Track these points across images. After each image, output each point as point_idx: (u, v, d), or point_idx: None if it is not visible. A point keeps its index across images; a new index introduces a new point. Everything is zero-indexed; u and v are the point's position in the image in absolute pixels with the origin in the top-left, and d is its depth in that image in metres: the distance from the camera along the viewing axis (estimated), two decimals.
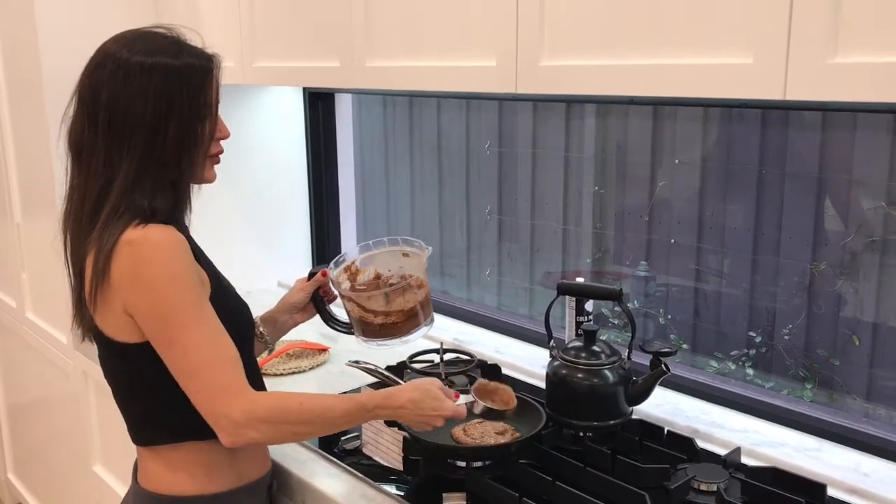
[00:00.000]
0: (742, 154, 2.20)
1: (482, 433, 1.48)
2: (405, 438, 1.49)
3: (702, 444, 1.49)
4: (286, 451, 1.56)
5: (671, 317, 2.43)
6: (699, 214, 2.33)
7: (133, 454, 1.40)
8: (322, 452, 1.55)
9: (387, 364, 1.80)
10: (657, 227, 2.43)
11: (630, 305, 2.38)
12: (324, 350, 2.05)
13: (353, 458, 1.52)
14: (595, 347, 1.52)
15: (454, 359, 1.91)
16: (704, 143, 2.32)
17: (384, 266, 1.61)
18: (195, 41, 1.30)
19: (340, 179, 2.70)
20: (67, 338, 2.34)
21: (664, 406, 1.67)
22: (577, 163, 2.62)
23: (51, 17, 2.13)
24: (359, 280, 1.60)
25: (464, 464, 1.45)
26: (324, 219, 2.69)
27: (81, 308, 1.28)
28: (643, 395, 1.51)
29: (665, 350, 1.50)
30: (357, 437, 1.58)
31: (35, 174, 2.35)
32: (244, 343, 1.33)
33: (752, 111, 2.11)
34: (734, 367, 2.27)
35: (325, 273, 1.55)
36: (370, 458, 1.53)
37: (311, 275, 1.58)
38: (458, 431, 1.50)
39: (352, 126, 2.73)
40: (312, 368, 1.98)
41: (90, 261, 1.22)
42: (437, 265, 2.98)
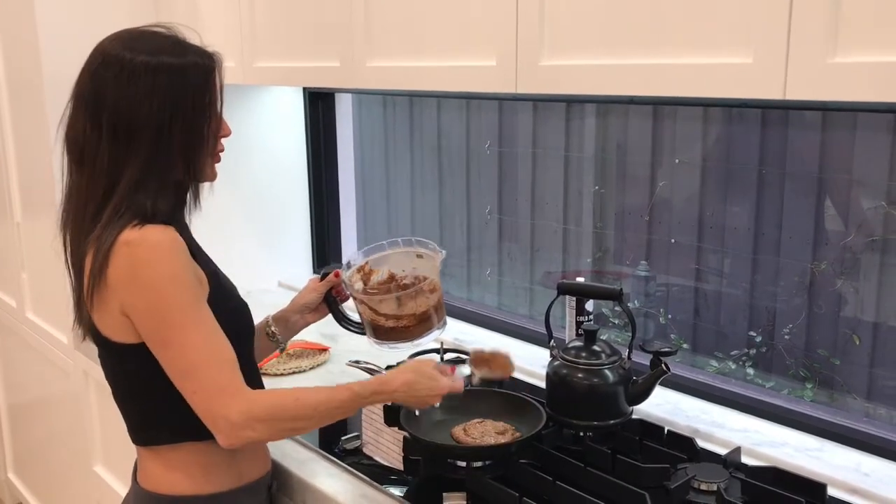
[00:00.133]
0: (742, 154, 2.21)
1: (482, 433, 1.48)
2: (405, 438, 1.49)
3: (702, 444, 1.49)
4: (286, 451, 1.56)
5: (671, 316, 2.43)
6: (699, 214, 2.33)
7: (133, 454, 1.40)
8: (322, 452, 1.55)
9: (387, 364, 1.80)
10: (657, 227, 2.43)
11: (630, 305, 2.38)
12: (324, 350, 2.05)
13: (354, 458, 1.52)
14: (595, 347, 1.52)
15: (454, 358, 1.91)
16: (704, 143, 2.32)
17: (398, 266, 1.59)
18: (194, 40, 1.30)
19: (341, 179, 2.70)
20: (68, 338, 2.34)
21: (664, 406, 1.67)
22: (578, 162, 2.62)
23: (51, 17, 2.13)
24: (372, 280, 1.58)
25: (464, 463, 1.45)
26: (324, 219, 2.69)
27: (81, 308, 1.28)
28: (643, 395, 1.51)
29: (665, 350, 1.50)
30: (357, 437, 1.58)
31: (35, 174, 2.35)
32: (244, 344, 1.33)
33: (752, 111, 2.11)
34: (734, 367, 2.27)
35: (338, 274, 1.54)
36: (370, 458, 1.53)
37: (324, 275, 1.57)
38: (459, 431, 1.50)
39: (352, 126, 2.73)
40: (313, 368, 1.98)
41: (88, 260, 1.22)
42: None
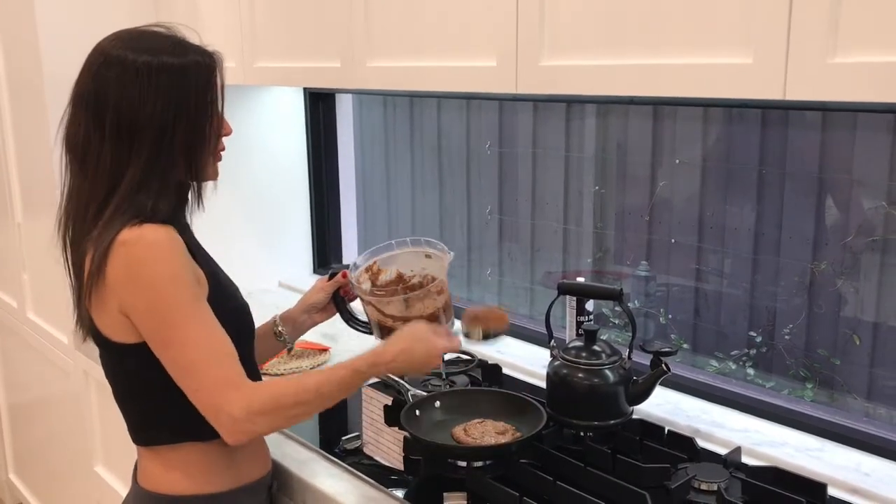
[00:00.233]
0: (742, 154, 2.21)
1: (483, 433, 1.48)
2: (406, 438, 1.49)
3: (702, 444, 1.49)
4: (286, 451, 1.56)
5: (672, 316, 2.44)
6: (699, 214, 2.33)
7: (134, 454, 1.41)
8: (323, 452, 1.55)
9: None
10: (657, 227, 2.43)
11: (630, 305, 2.38)
12: (324, 350, 2.05)
13: (354, 458, 1.52)
14: (595, 347, 1.52)
15: (455, 358, 1.91)
16: (704, 143, 2.32)
17: (406, 266, 1.58)
18: (193, 39, 1.30)
19: (341, 179, 2.70)
20: (68, 338, 2.34)
21: (665, 406, 1.67)
22: (578, 163, 2.62)
23: (51, 17, 2.13)
24: (380, 280, 1.57)
25: (464, 463, 1.45)
26: (324, 219, 2.69)
27: (81, 308, 1.28)
28: (644, 395, 1.51)
29: (665, 350, 1.50)
30: (358, 438, 1.59)
31: (36, 174, 2.35)
32: (243, 344, 1.32)
33: (753, 111, 2.12)
34: (735, 367, 2.27)
35: (346, 274, 1.53)
36: (371, 458, 1.53)
37: (332, 275, 1.57)
38: (459, 431, 1.50)
39: (352, 126, 2.73)
40: (313, 368, 1.98)
41: (88, 261, 1.22)
42: None
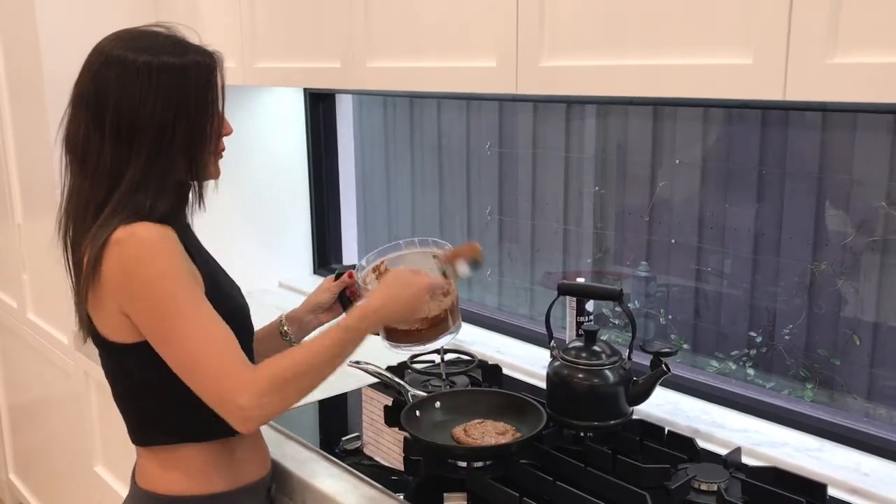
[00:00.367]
0: (742, 154, 2.21)
1: (483, 433, 1.48)
2: (406, 439, 1.49)
3: (702, 444, 1.49)
4: (286, 451, 1.56)
5: (672, 317, 2.44)
6: (699, 214, 2.33)
7: (134, 455, 1.41)
8: (323, 453, 1.55)
9: (387, 364, 1.80)
10: (657, 228, 2.43)
11: (630, 305, 2.38)
12: None
13: (354, 459, 1.52)
14: (596, 347, 1.52)
15: (455, 359, 1.91)
16: (704, 144, 2.32)
17: (414, 266, 1.55)
18: (193, 39, 1.30)
19: (341, 180, 2.70)
20: (68, 338, 2.34)
21: (665, 406, 1.67)
22: (578, 163, 2.62)
23: (51, 17, 2.13)
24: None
25: (464, 464, 1.45)
26: (324, 219, 2.69)
27: (80, 308, 1.28)
28: (644, 395, 1.51)
29: (665, 350, 1.50)
30: (358, 438, 1.59)
31: (36, 175, 2.36)
32: (242, 346, 1.32)
33: (752, 111, 2.12)
34: (735, 367, 2.27)
35: (352, 274, 1.52)
36: (371, 459, 1.53)
37: (338, 275, 1.56)
38: (459, 432, 1.50)
39: (352, 126, 2.73)
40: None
41: (85, 260, 1.22)
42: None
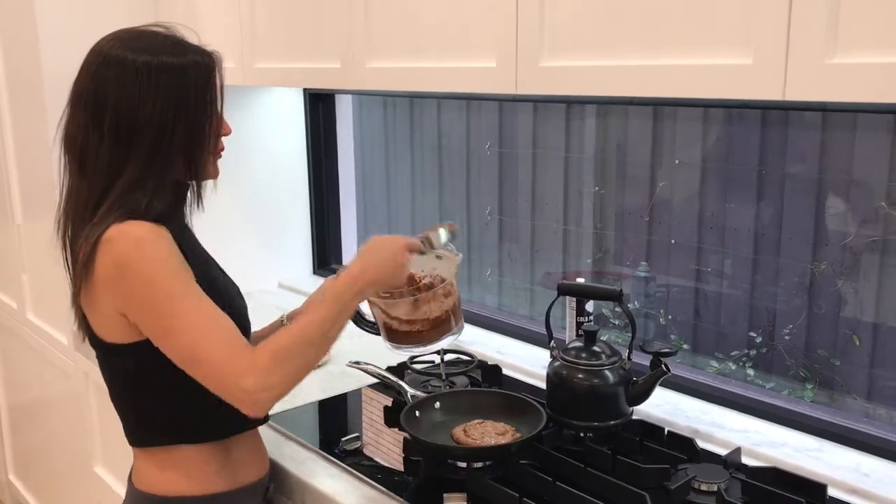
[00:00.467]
0: (742, 154, 2.21)
1: (482, 434, 1.48)
2: (406, 439, 1.49)
3: (702, 445, 1.49)
4: (286, 452, 1.56)
5: (671, 317, 2.44)
6: (699, 215, 2.33)
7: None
8: (322, 453, 1.55)
9: (387, 364, 1.80)
10: (657, 228, 2.43)
11: (630, 306, 2.38)
12: None
13: (354, 459, 1.52)
14: (595, 348, 1.52)
15: (455, 359, 1.91)
16: (704, 144, 2.32)
17: (418, 267, 1.55)
18: (192, 39, 1.30)
19: (341, 180, 2.70)
20: (68, 339, 2.34)
21: (664, 406, 1.67)
22: (578, 163, 2.62)
23: (50, 17, 2.13)
24: None
25: (464, 464, 1.45)
26: (324, 219, 2.69)
27: (77, 308, 1.28)
28: (643, 396, 1.51)
29: (665, 350, 1.50)
30: (358, 438, 1.58)
31: (36, 175, 2.35)
32: None
33: (752, 111, 2.12)
34: (735, 368, 2.27)
35: None
36: (371, 459, 1.53)
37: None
38: (459, 432, 1.50)
39: (352, 127, 2.73)
40: (313, 369, 1.98)
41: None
42: None
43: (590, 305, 1.77)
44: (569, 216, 2.66)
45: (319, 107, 2.62)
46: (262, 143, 2.54)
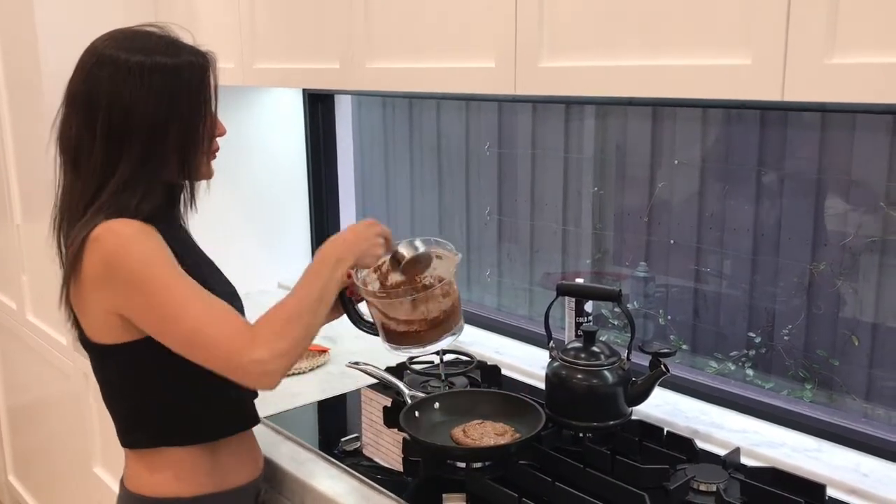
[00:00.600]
0: (741, 155, 2.21)
1: (482, 434, 1.48)
2: (405, 440, 1.49)
3: (701, 445, 1.49)
4: (285, 452, 1.56)
5: (671, 317, 2.44)
6: (698, 215, 2.33)
7: None
8: (321, 453, 1.55)
9: (386, 365, 1.80)
10: (656, 228, 2.43)
11: (630, 306, 2.38)
12: (324, 351, 2.05)
13: (353, 460, 1.52)
14: (594, 348, 1.52)
15: (454, 360, 1.91)
16: (703, 144, 2.32)
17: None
18: (187, 39, 1.30)
19: (340, 181, 2.70)
20: (68, 340, 2.34)
21: (664, 407, 1.68)
22: (577, 163, 2.62)
23: (50, 18, 2.13)
24: (389, 279, 1.52)
25: (463, 465, 1.45)
26: (324, 220, 2.69)
27: (67, 308, 1.28)
28: (642, 396, 1.51)
29: (664, 351, 1.50)
30: (357, 439, 1.59)
31: (35, 176, 2.35)
32: None
33: (751, 112, 2.12)
34: (734, 368, 2.27)
35: (351, 274, 1.46)
36: (370, 460, 1.53)
37: None
38: (458, 432, 1.50)
39: (351, 127, 2.73)
40: (312, 370, 1.98)
41: None
42: None
43: (589, 306, 1.77)
44: (568, 216, 2.66)
45: (319, 107, 2.62)
46: (262, 144, 2.54)
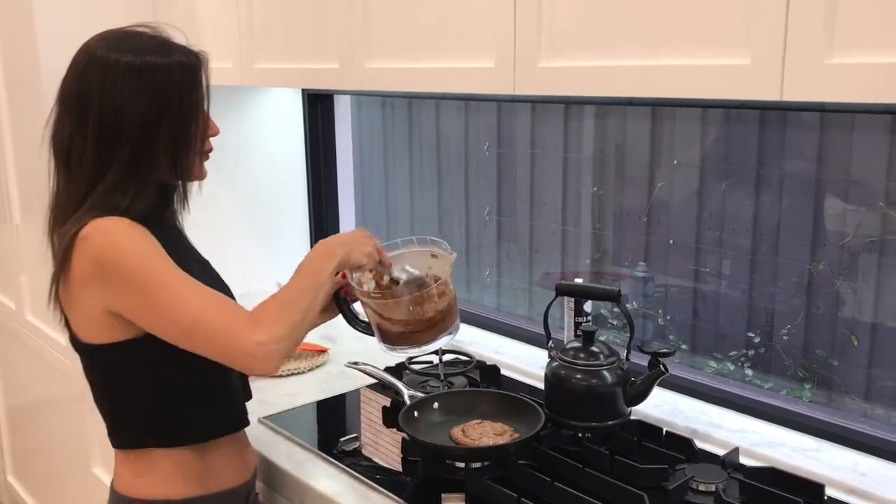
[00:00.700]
0: (740, 154, 2.21)
1: (481, 434, 1.48)
2: (404, 440, 1.49)
3: (700, 445, 1.49)
4: (284, 452, 1.56)
5: (670, 317, 2.44)
6: (698, 215, 2.33)
7: None
8: (320, 453, 1.55)
9: (385, 365, 1.80)
10: (656, 228, 2.43)
11: (629, 306, 2.38)
12: (323, 351, 2.05)
13: (352, 459, 1.52)
14: (593, 348, 1.52)
15: (453, 359, 1.91)
16: (703, 144, 2.32)
17: (413, 266, 1.53)
18: (179, 39, 1.29)
19: (339, 181, 2.70)
20: (66, 340, 2.33)
21: (663, 406, 1.68)
22: (576, 163, 2.62)
23: (49, 18, 2.13)
24: (385, 279, 1.51)
25: (462, 464, 1.45)
26: (323, 220, 2.69)
27: (58, 306, 1.28)
28: (641, 396, 1.51)
29: (663, 350, 1.50)
30: (356, 439, 1.59)
31: (34, 176, 2.35)
32: None
33: (750, 112, 2.12)
34: (733, 368, 2.27)
35: (345, 275, 1.46)
36: (369, 460, 1.53)
37: None
38: (457, 432, 1.50)
39: (350, 127, 2.73)
40: (311, 370, 1.98)
41: None
42: None
43: (588, 306, 1.77)
44: (567, 216, 2.66)
45: (318, 107, 2.62)
46: (261, 144, 2.54)
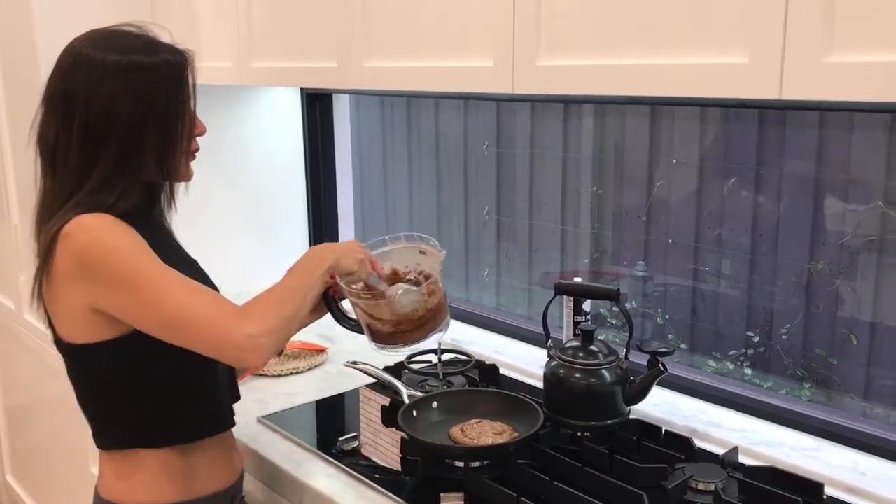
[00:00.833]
0: (739, 153, 2.21)
1: (480, 433, 1.48)
2: (403, 439, 1.49)
3: (699, 444, 1.49)
4: (281, 451, 1.56)
5: (669, 316, 2.44)
6: (697, 214, 2.33)
7: None
8: (320, 453, 1.55)
9: (384, 364, 1.80)
10: (655, 227, 2.43)
11: (628, 305, 2.38)
12: (322, 351, 2.05)
13: (352, 459, 1.52)
14: (593, 347, 1.52)
15: (452, 359, 1.91)
16: (702, 143, 2.32)
17: (401, 262, 1.54)
18: (165, 38, 1.29)
19: (338, 180, 2.70)
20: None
21: (662, 406, 1.67)
22: (575, 163, 2.62)
23: (48, 19, 2.13)
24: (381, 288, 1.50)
25: (462, 464, 1.45)
26: (322, 220, 2.69)
27: (42, 306, 1.27)
28: (641, 395, 1.51)
29: (663, 350, 1.50)
30: (355, 438, 1.58)
31: (33, 175, 2.35)
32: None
33: (749, 111, 2.12)
34: (732, 367, 2.27)
35: (334, 275, 1.44)
36: (368, 459, 1.53)
37: None
38: (456, 432, 1.49)
39: (349, 126, 2.73)
40: (310, 369, 1.98)
41: None
42: None
43: (587, 305, 1.77)
44: (566, 216, 2.66)
45: (317, 106, 2.62)
46: (260, 143, 2.54)
